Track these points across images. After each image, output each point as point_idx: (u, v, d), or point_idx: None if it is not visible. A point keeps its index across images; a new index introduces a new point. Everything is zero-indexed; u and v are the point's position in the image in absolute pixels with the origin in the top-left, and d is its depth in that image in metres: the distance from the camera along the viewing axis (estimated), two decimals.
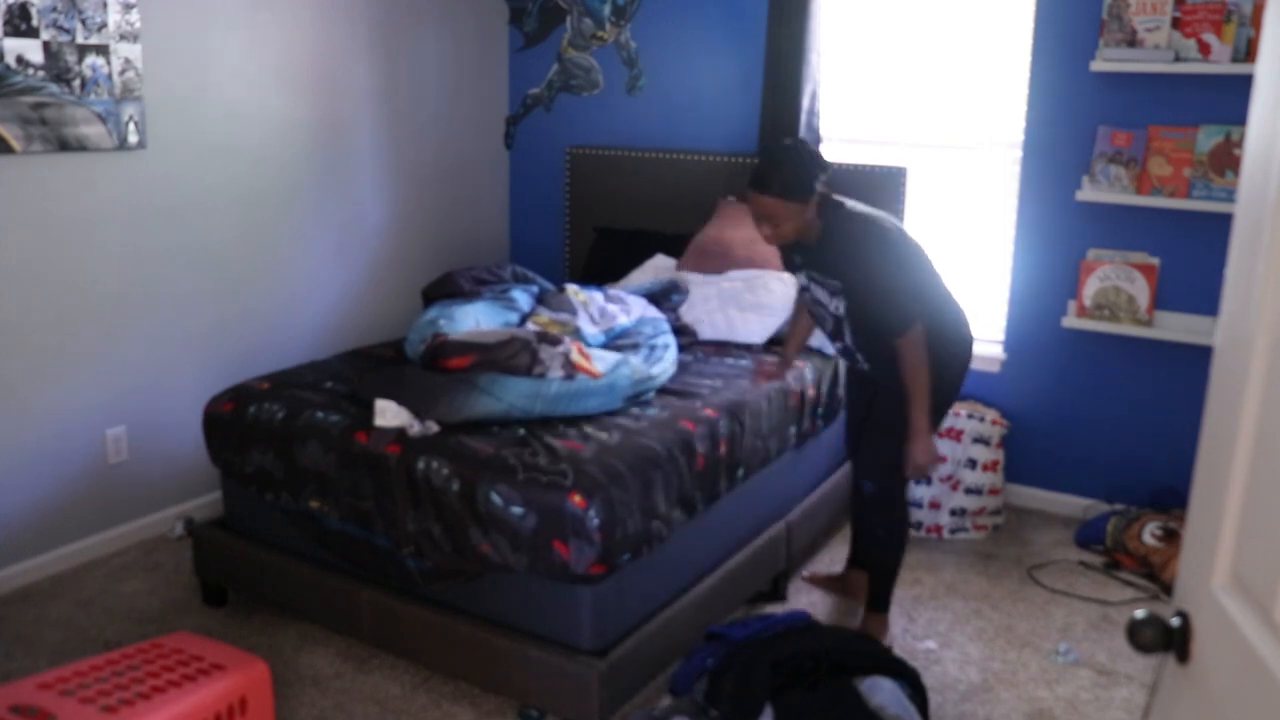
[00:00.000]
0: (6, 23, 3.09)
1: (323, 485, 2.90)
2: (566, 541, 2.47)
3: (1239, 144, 3.48)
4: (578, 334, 3.50)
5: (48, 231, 3.31)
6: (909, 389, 2.78)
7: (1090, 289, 3.85)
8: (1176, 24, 3.53)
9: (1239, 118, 3.47)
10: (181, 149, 3.65)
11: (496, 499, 2.56)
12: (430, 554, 2.73)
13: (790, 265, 3.11)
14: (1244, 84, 3.34)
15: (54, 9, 3.20)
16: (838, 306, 2.90)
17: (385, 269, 4.58)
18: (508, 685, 2.68)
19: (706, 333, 3.86)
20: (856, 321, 2.89)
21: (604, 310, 3.74)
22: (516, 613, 2.69)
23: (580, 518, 2.46)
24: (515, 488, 2.55)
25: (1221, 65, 3.45)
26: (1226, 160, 3.51)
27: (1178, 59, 3.53)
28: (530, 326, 3.53)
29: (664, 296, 4.02)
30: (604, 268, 4.56)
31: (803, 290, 3.07)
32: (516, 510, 2.53)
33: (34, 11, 3.15)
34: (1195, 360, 3.73)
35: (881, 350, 2.86)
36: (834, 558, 3.71)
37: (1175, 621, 1.22)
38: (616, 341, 3.55)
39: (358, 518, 2.86)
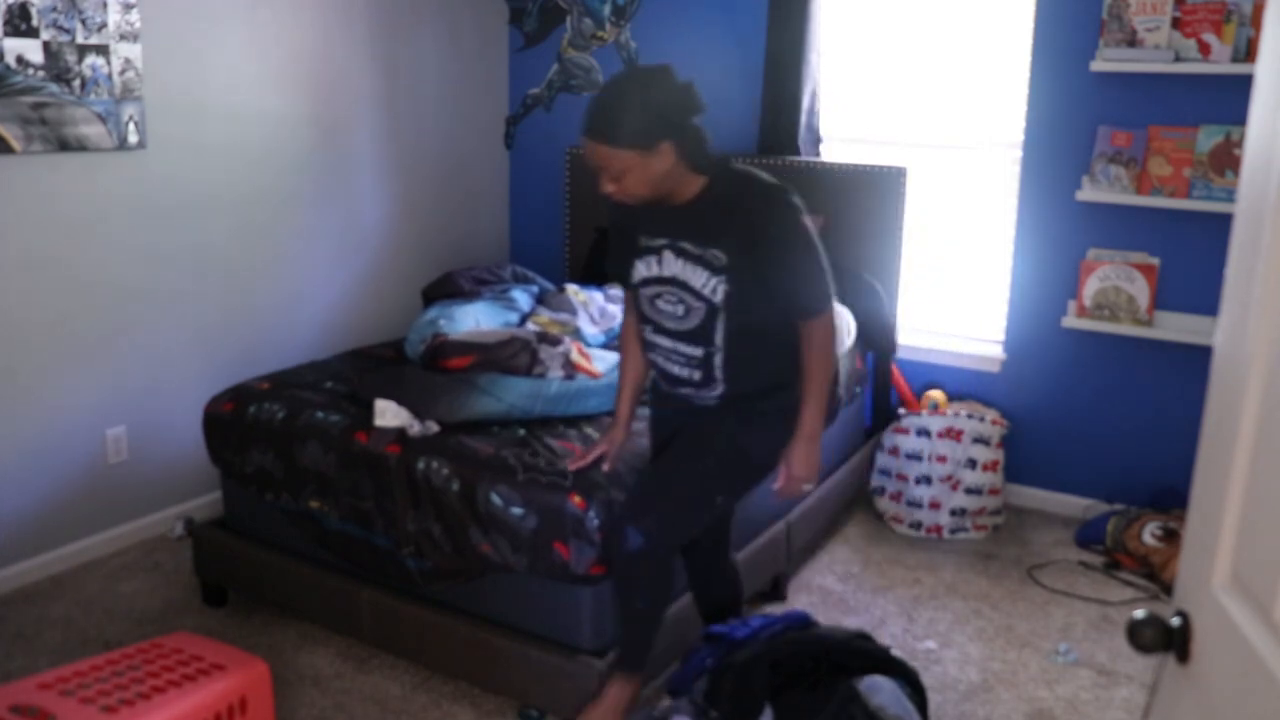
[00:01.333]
0: (6, 23, 3.09)
1: (323, 485, 2.90)
2: (566, 542, 2.47)
3: (1239, 144, 3.48)
4: (578, 334, 3.50)
5: (47, 232, 3.31)
6: (812, 377, 2.28)
7: (1090, 289, 3.85)
8: (1176, 24, 3.53)
9: (1239, 118, 3.47)
10: (181, 149, 3.65)
11: (496, 499, 2.56)
12: (430, 554, 2.73)
13: (624, 249, 2.38)
14: (1244, 84, 3.34)
15: (54, 9, 3.20)
16: (715, 289, 2.21)
17: (385, 269, 4.58)
18: (508, 685, 2.68)
19: None
20: (738, 311, 2.23)
21: (604, 310, 3.74)
22: (516, 613, 2.69)
23: (580, 518, 2.46)
24: (515, 488, 2.55)
25: (1221, 65, 3.45)
26: (1226, 160, 3.51)
27: (1178, 59, 3.53)
28: (530, 326, 3.53)
29: None
30: (604, 268, 4.55)
31: (645, 284, 2.33)
32: (516, 511, 2.53)
33: (34, 11, 3.15)
34: (1195, 360, 3.73)
35: (759, 355, 2.30)
36: (833, 558, 3.71)
37: (1175, 621, 1.22)
38: (616, 341, 3.55)
39: (358, 518, 2.86)
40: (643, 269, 2.33)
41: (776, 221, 2.19)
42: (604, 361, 3.11)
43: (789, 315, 2.27)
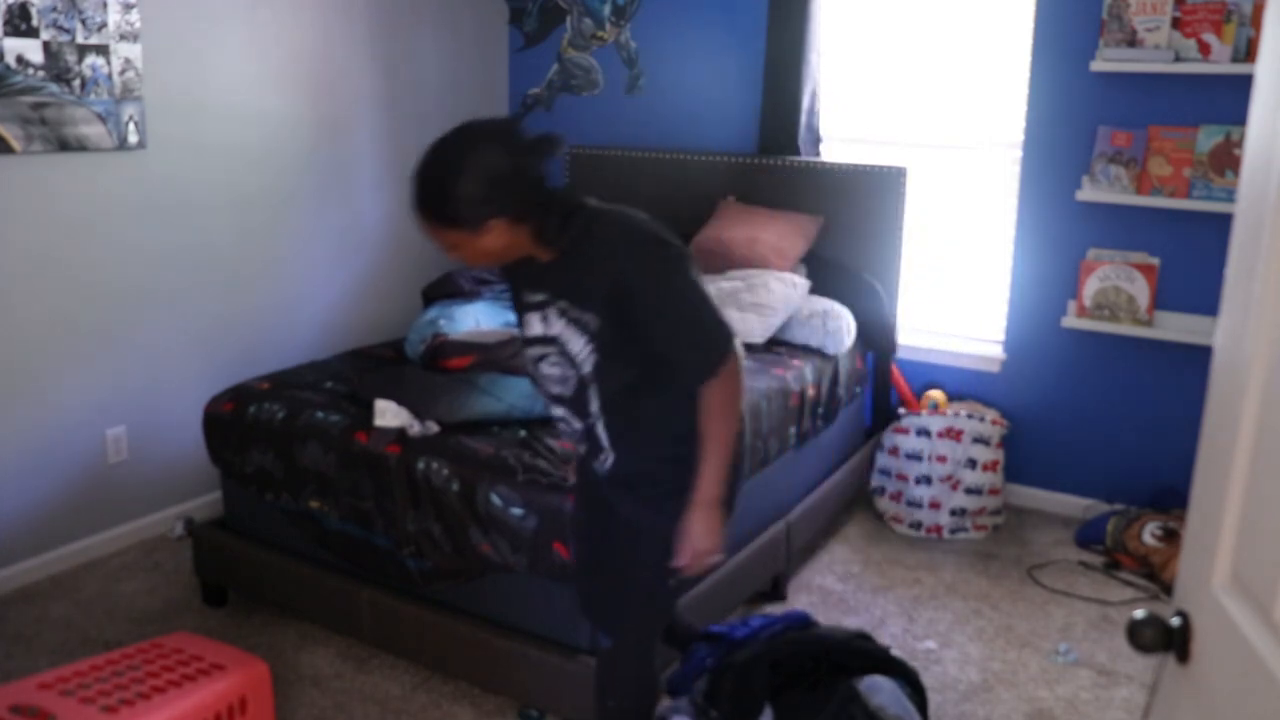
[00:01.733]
0: (6, 23, 3.09)
1: (323, 485, 2.90)
2: (566, 542, 2.47)
3: (1239, 144, 3.48)
4: None
5: (48, 232, 3.31)
6: (707, 442, 1.98)
7: (1090, 289, 3.85)
8: (1176, 24, 3.53)
9: (1239, 118, 3.47)
10: (181, 149, 3.65)
11: (496, 500, 2.56)
12: (430, 554, 2.73)
13: (518, 304, 2.13)
14: (1244, 84, 3.34)
15: (54, 9, 3.20)
16: (587, 358, 1.97)
17: (385, 269, 4.58)
18: (508, 685, 2.69)
19: None
20: (608, 381, 1.99)
21: None
22: (516, 613, 2.69)
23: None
24: (515, 489, 2.55)
25: (1221, 65, 3.45)
26: (1226, 160, 3.51)
27: (1178, 59, 3.53)
28: None
29: None
30: None
31: (532, 343, 2.08)
32: (516, 511, 2.53)
33: (34, 11, 3.15)
34: (1195, 360, 3.73)
35: (646, 421, 2.05)
36: (833, 558, 3.71)
37: (1175, 621, 1.22)
38: None
39: (358, 518, 2.86)
40: (529, 327, 2.07)
41: (649, 276, 1.90)
42: None
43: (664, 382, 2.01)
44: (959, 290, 4.32)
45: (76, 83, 3.29)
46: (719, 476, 2.00)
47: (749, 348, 3.74)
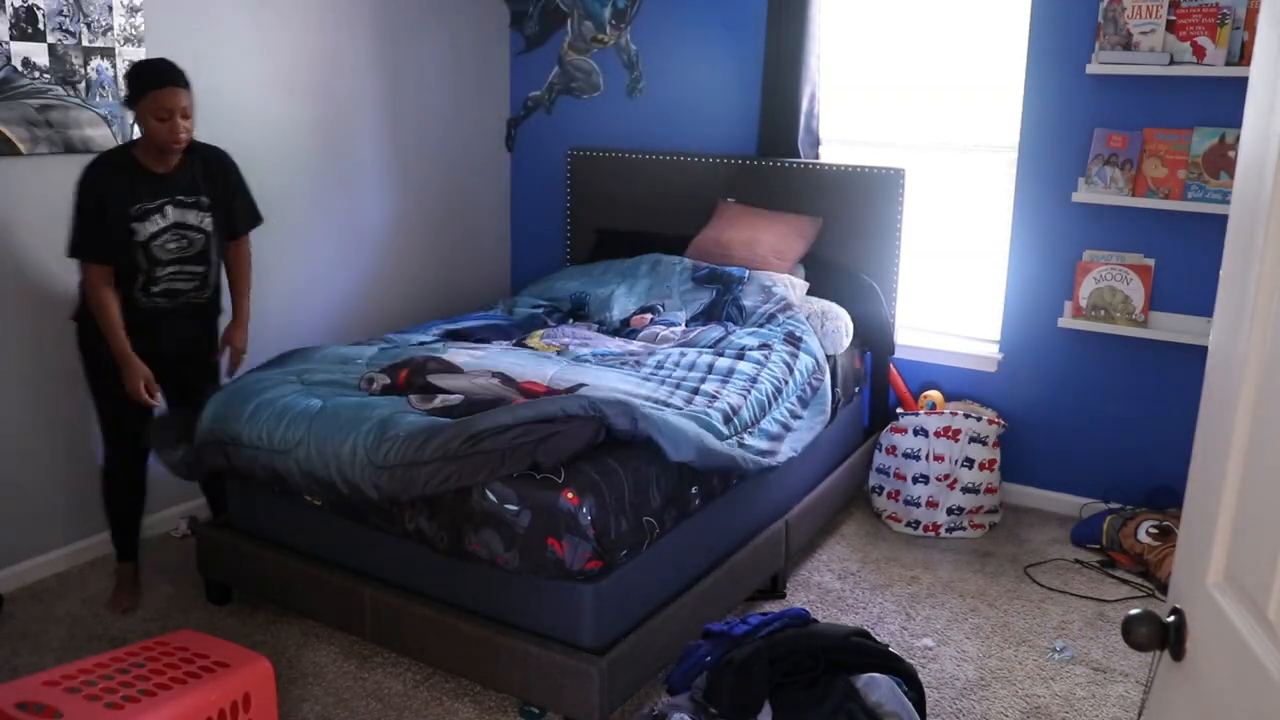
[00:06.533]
0: (13, 26, 3.11)
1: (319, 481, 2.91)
2: (561, 538, 2.49)
3: (1233, 146, 3.50)
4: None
5: (53, 233, 3.31)
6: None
7: (1086, 289, 3.88)
8: (1171, 27, 3.56)
9: (1233, 120, 3.49)
10: None
11: (492, 496, 2.57)
12: (428, 550, 2.75)
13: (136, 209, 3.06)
14: (1238, 87, 3.34)
15: (60, 12, 3.22)
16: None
17: (387, 270, 4.59)
18: (509, 682, 2.70)
19: None
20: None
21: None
22: (518, 610, 2.71)
23: (573, 514, 2.47)
24: (510, 484, 2.56)
25: (1216, 68, 3.48)
26: (1221, 162, 3.54)
27: (1172, 62, 3.56)
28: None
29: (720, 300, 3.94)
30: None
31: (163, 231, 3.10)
32: (511, 507, 2.54)
33: (40, 15, 3.17)
34: (1190, 360, 3.75)
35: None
36: (831, 556, 3.73)
37: (1170, 619, 1.24)
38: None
39: (354, 514, 2.87)
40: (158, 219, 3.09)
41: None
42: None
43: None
44: (956, 291, 4.34)
45: (82, 85, 3.30)
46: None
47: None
